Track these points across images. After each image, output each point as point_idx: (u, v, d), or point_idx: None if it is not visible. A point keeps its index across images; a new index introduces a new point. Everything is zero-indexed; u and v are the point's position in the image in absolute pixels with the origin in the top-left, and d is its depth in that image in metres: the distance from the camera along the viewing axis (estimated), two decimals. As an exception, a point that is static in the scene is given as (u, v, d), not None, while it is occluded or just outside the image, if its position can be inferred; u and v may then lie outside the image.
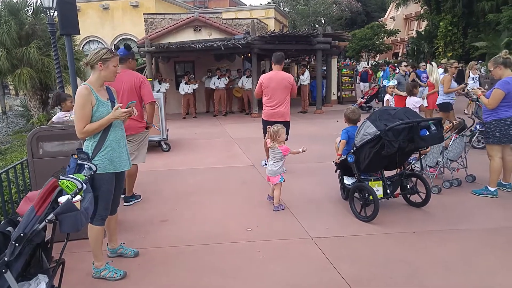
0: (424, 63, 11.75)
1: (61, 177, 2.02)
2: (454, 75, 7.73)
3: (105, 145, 2.87)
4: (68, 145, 3.58)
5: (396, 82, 8.22)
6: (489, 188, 4.64)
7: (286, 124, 5.62)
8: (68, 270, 2.31)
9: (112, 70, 2.93)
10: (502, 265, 3.10)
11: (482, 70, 16.35)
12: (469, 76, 10.92)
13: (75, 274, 3.10)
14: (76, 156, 2.65)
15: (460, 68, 17.11)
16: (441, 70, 10.37)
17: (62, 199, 1.91)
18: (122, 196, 4.55)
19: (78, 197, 1.95)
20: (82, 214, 1.91)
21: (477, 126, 5.66)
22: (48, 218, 1.82)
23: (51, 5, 6.47)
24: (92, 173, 2.31)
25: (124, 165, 3.03)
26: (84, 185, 2.03)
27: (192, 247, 3.58)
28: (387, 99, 7.92)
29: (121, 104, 2.91)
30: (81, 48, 20.94)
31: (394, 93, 7.91)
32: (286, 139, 4.67)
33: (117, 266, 3.15)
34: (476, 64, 11.96)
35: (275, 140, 4.41)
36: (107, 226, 3.22)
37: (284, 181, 4.50)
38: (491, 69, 4.67)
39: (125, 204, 4.73)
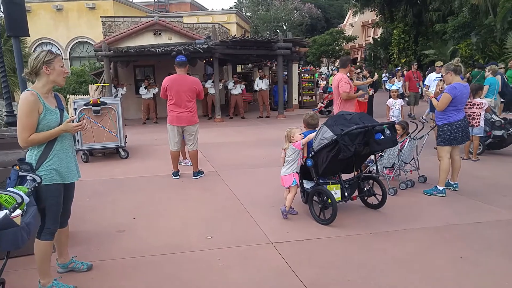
0: (440, 66, 10.57)
1: (-2, 190, 1.88)
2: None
3: (51, 155, 2.68)
4: (12, 155, 3.36)
5: (399, 86, 8.21)
6: (438, 187, 4.91)
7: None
8: (11, 289, 2.16)
9: (60, 70, 2.73)
10: (452, 260, 3.25)
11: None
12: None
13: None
14: (17, 167, 2.44)
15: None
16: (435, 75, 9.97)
17: None
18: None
19: (18, 211, 1.81)
20: (23, 230, 1.78)
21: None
22: (-16, 235, 1.69)
23: (-4, 6, 6.10)
24: (36, 185, 2.16)
25: (73, 176, 2.85)
26: (26, 198, 1.90)
27: (150, 258, 3.47)
28: (388, 104, 7.77)
29: (74, 117, 2.74)
30: (32, 51, 19.94)
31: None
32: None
33: (67, 281, 2.98)
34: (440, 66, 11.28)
35: (288, 141, 4.19)
36: (57, 240, 3.00)
37: (297, 184, 4.26)
38: (443, 74, 4.97)
39: (193, 177, 6.00)
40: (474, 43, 16.59)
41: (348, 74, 8.75)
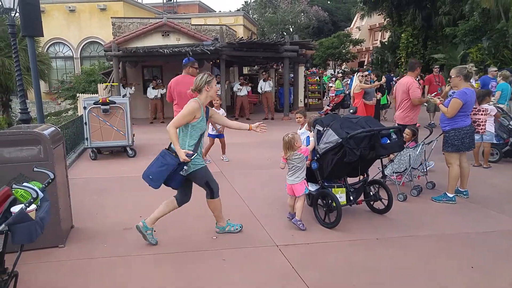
0: (495, 69, 9.71)
1: (14, 185, 1.93)
2: None
3: (198, 149, 3.57)
4: (26, 150, 3.43)
5: None
6: (448, 194, 4.83)
7: None
8: (22, 283, 2.21)
9: (215, 88, 3.62)
10: (459, 269, 3.24)
11: None
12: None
13: (29, 287, 2.96)
14: (167, 149, 3.52)
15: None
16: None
17: (16, 209, 1.83)
18: None
19: (33, 206, 1.87)
20: (37, 224, 1.83)
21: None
22: None
23: (12, 6, 6.21)
24: (50, 181, 2.22)
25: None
26: (40, 194, 1.96)
27: (156, 256, 3.52)
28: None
29: (192, 153, 3.48)
30: (45, 50, 20.20)
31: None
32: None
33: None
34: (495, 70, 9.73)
35: (292, 148, 3.95)
36: (215, 209, 3.87)
37: (308, 192, 4.16)
38: (452, 76, 4.76)
39: None
40: (486, 48, 16.48)
41: (360, 77, 8.80)
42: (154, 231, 3.76)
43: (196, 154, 3.51)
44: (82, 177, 6.24)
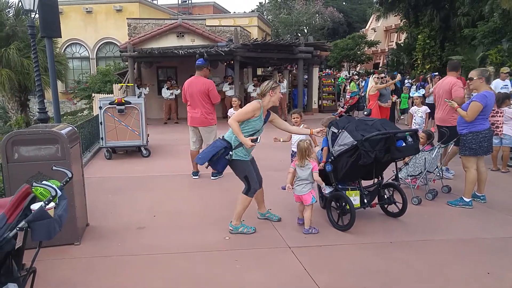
0: (507, 70, 9.38)
1: (34, 183, 1.97)
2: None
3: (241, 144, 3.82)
4: (45, 149, 3.50)
5: (422, 93, 7.79)
6: (465, 199, 4.74)
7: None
8: (40, 279, 2.26)
9: (278, 95, 3.90)
10: (474, 275, 3.18)
11: None
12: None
13: (46, 282, 3.02)
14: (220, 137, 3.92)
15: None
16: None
17: (35, 206, 1.87)
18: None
19: (52, 204, 1.91)
20: (56, 222, 1.87)
21: None
22: (20, 225, 1.78)
23: (32, 8, 6.36)
24: (68, 179, 2.26)
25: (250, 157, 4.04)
26: (59, 192, 1.99)
27: (169, 255, 3.55)
28: (411, 112, 7.18)
29: (254, 137, 3.79)
30: (62, 51, 20.58)
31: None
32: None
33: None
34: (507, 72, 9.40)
35: (306, 157, 3.91)
36: (256, 197, 4.17)
37: (316, 201, 4.06)
38: (474, 78, 4.62)
39: (212, 178, 6.11)
40: (506, 50, 16.14)
41: (376, 79, 8.73)
42: (243, 220, 4.09)
43: (254, 142, 3.79)
44: (97, 176, 6.34)
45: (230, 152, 3.83)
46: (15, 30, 13.38)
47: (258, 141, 3.80)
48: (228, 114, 7.03)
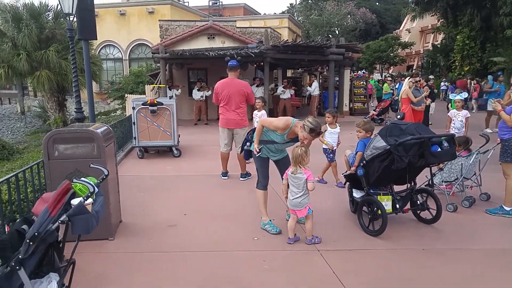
0: None
1: (74, 180, 2.07)
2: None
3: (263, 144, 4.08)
4: (82, 148, 3.65)
5: (465, 96, 7.47)
6: (505, 207, 4.54)
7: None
8: (78, 270, 2.36)
9: (307, 137, 3.63)
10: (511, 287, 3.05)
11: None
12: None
13: (84, 275, 3.14)
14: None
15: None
16: None
17: (75, 202, 1.96)
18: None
19: (90, 200, 1.99)
20: (93, 217, 1.95)
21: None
22: (61, 219, 1.87)
23: (70, 11, 6.63)
24: (104, 177, 2.36)
25: (273, 157, 4.25)
26: (96, 189, 2.08)
27: (198, 253, 3.61)
28: (449, 115, 6.87)
29: (258, 151, 4.08)
30: (97, 52, 21.35)
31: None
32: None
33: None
34: None
35: (298, 164, 3.67)
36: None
37: (312, 212, 3.81)
38: None
39: (240, 179, 6.13)
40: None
41: (410, 83, 8.48)
42: (273, 219, 4.22)
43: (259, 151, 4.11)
44: (130, 175, 6.52)
45: (248, 143, 4.36)
46: (54, 32, 14.00)
47: (261, 153, 4.10)
48: (253, 115, 7.05)
